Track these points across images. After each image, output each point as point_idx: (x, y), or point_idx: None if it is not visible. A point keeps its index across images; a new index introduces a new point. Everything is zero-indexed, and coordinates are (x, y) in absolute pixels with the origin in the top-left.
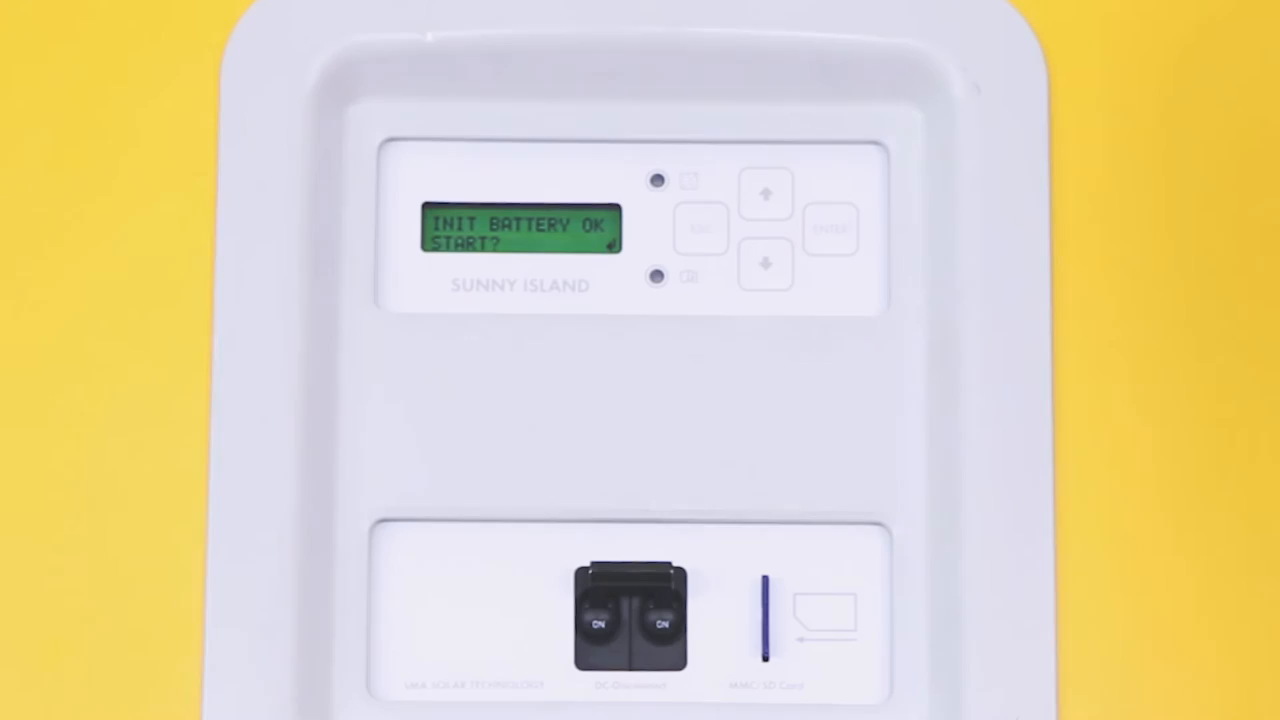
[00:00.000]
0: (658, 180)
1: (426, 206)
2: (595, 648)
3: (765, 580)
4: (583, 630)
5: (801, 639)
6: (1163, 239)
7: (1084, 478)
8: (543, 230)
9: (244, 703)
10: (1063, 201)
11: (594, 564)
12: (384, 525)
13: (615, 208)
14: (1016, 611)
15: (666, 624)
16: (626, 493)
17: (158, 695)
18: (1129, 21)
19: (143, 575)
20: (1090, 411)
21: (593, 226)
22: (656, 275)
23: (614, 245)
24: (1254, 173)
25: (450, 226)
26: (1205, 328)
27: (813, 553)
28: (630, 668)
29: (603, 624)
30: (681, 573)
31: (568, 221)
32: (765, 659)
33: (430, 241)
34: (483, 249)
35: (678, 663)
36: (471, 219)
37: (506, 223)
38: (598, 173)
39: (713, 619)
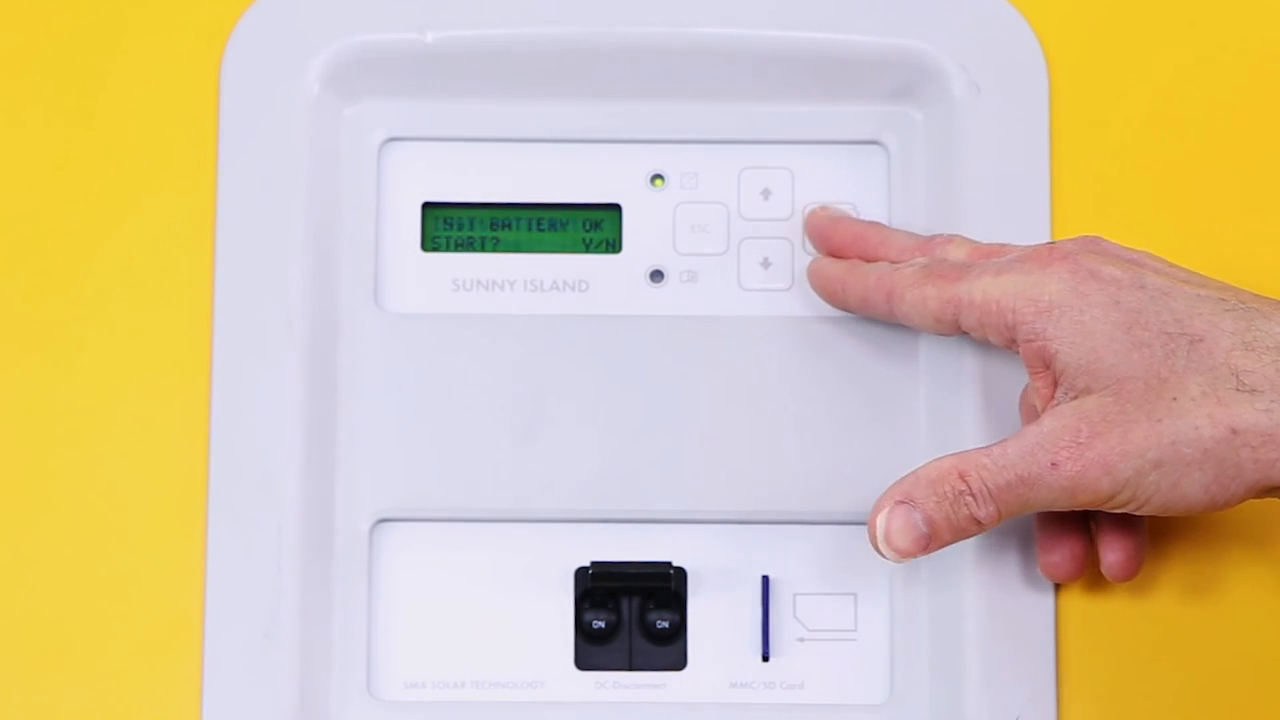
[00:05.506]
0: (658, 180)
1: (426, 206)
2: (595, 648)
3: (765, 580)
4: (583, 630)
5: (801, 639)
6: (1162, 239)
7: None
8: (543, 230)
9: (244, 703)
10: (1063, 202)
11: (594, 564)
12: (384, 525)
13: (615, 208)
14: (1016, 611)
15: (666, 624)
16: (626, 493)
17: (158, 695)
18: (1129, 21)
19: (143, 575)
20: None
21: (593, 226)
22: (656, 275)
23: (614, 245)
24: (1253, 173)
25: (450, 226)
26: None
27: (813, 553)
28: (630, 668)
29: (603, 624)
30: (681, 573)
31: (568, 221)
32: (765, 659)
33: (430, 241)
34: (483, 249)
35: (678, 663)
36: (471, 219)
37: (506, 223)
38: (598, 173)
39: (713, 619)
